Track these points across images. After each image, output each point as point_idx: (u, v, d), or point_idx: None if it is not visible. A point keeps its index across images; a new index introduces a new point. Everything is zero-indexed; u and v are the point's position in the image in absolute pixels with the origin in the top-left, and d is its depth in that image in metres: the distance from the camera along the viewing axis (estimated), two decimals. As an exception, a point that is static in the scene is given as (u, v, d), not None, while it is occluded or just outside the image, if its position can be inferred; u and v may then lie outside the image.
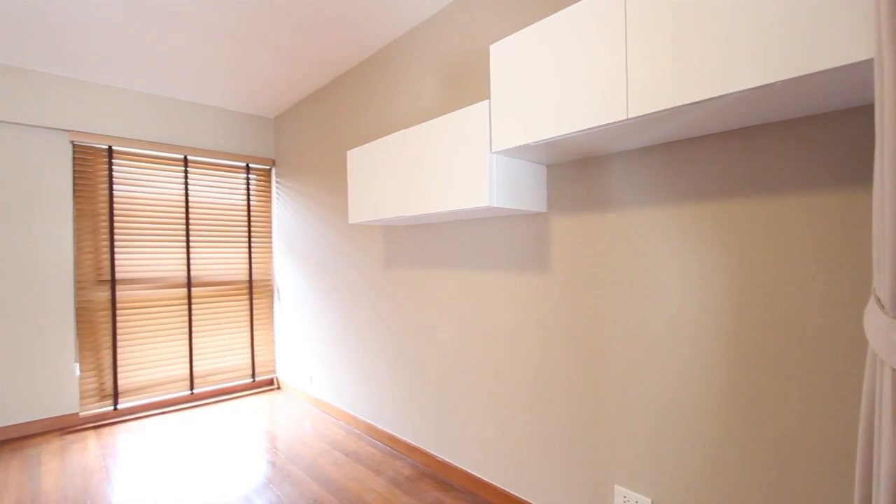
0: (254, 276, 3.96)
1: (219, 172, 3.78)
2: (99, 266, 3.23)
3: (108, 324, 3.26)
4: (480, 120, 1.66)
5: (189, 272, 3.60)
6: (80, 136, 3.14)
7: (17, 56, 2.78)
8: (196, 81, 3.22)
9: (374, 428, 2.87)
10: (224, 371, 3.79)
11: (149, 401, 3.43)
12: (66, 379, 3.12)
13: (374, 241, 2.86)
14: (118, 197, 3.30)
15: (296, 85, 3.31)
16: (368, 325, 2.92)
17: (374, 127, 2.83)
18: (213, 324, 3.73)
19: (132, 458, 2.66)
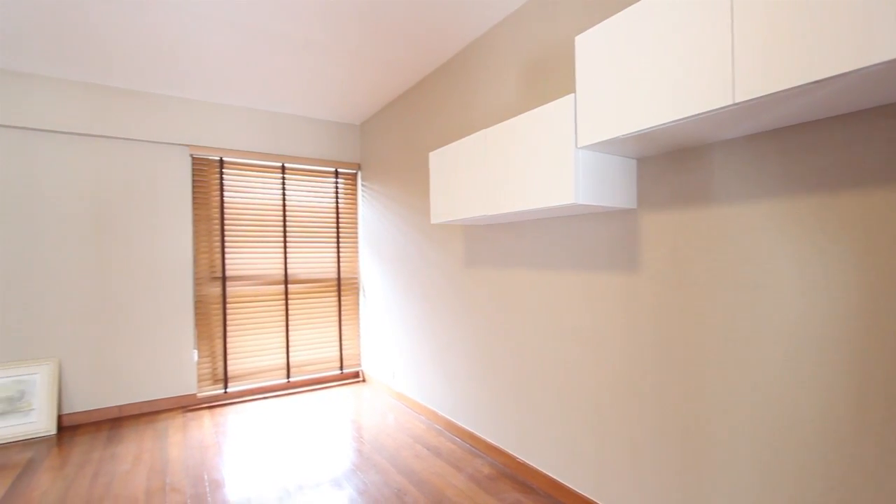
0: (342, 274, 4.21)
1: (311, 178, 4.08)
2: (212, 264, 3.64)
3: (219, 316, 3.66)
4: (565, 115, 1.61)
5: (286, 270, 3.93)
6: (198, 150, 3.56)
7: (147, 82, 3.21)
8: (292, 95, 3.50)
9: (453, 424, 2.91)
10: (315, 362, 4.07)
11: (252, 386, 3.78)
12: (187, 364, 3.54)
13: (454, 240, 2.90)
14: (228, 203, 3.70)
15: (380, 92, 3.46)
16: (448, 324, 2.97)
17: (455, 128, 2.87)
18: (306, 318, 4.03)
19: (239, 437, 2.95)
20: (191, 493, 2.24)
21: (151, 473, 2.45)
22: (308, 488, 2.28)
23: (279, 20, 2.43)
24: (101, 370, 3.27)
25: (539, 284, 2.26)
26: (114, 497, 2.21)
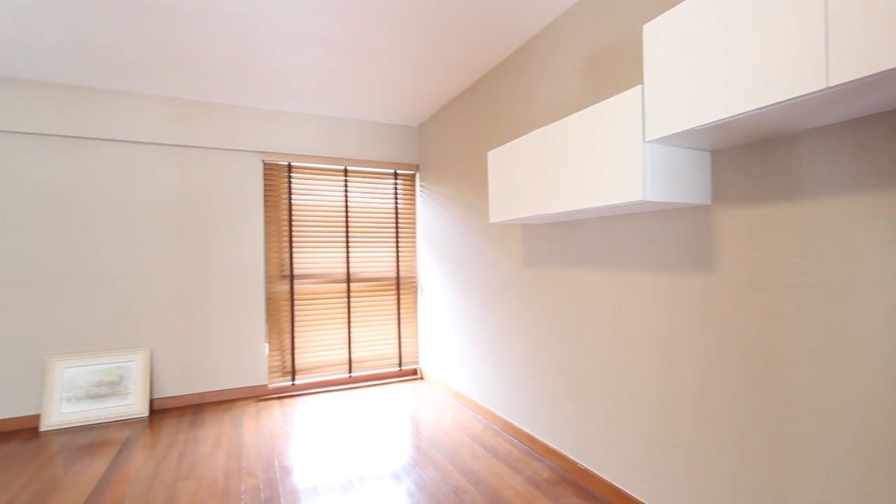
0: (400, 273, 4.31)
1: (371, 180, 4.21)
2: (281, 263, 3.87)
3: (287, 312, 3.88)
4: (632, 108, 1.54)
5: (348, 269, 4.09)
6: (269, 156, 3.80)
7: (226, 95, 3.46)
8: (355, 101, 3.63)
9: (511, 425, 2.89)
10: (375, 358, 4.20)
11: (317, 379, 3.97)
12: (259, 356, 3.78)
13: (512, 240, 2.87)
14: (295, 205, 3.91)
15: (438, 93, 3.51)
16: (506, 324, 2.95)
17: (513, 126, 2.84)
18: (367, 315, 4.17)
19: (305, 426, 3.11)
20: (263, 477, 2.39)
21: (229, 457, 2.64)
22: (369, 480, 2.36)
23: (350, 31, 2.52)
24: (185, 360, 3.57)
25: (602, 285, 2.18)
26: (197, 476, 2.41)
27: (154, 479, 2.38)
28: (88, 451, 2.75)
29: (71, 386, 3.20)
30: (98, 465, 2.55)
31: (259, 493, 2.23)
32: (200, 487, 2.29)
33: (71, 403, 3.17)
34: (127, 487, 2.29)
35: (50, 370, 3.17)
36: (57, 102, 3.21)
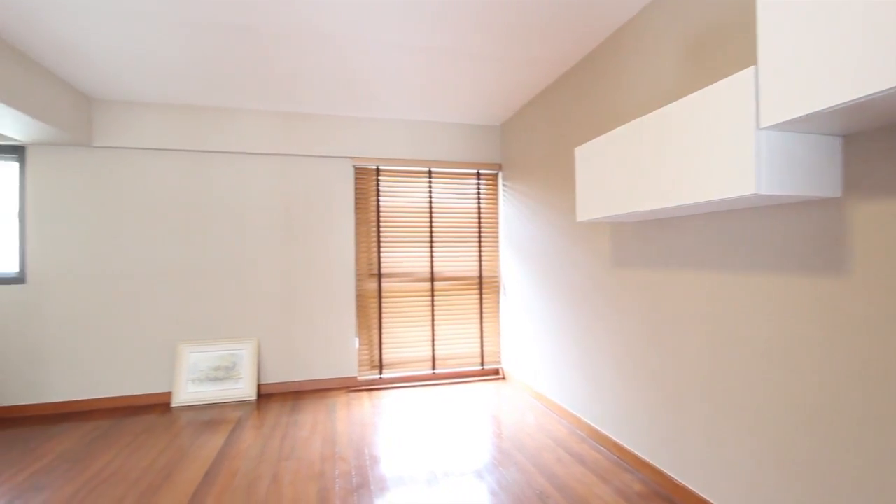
0: (483, 272, 4.32)
1: (454, 180, 4.27)
2: (370, 262, 4.07)
3: (376, 309, 4.07)
4: (743, 92, 1.40)
5: (432, 268, 4.19)
6: (359, 161, 4.02)
7: (322, 106, 3.72)
8: (440, 104, 3.71)
9: (598, 433, 2.76)
10: (458, 356, 4.25)
11: (403, 374, 4.12)
12: (349, 350, 4.02)
13: (600, 239, 2.75)
14: (383, 206, 4.10)
15: (521, 91, 3.46)
16: (594, 326, 2.83)
17: (602, 121, 2.72)
18: (450, 314, 4.24)
19: (392, 419, 3.24)
20: (355, 464, 2.53)
21: (324, 442, 2.84)
22: (453, 476, 2.40)
23: (434, 36, 2.59)
24: (286, 350, 3.90)
25: (703, 288, 2.00)
26: (297, 458, 2.62)
27: (261, 457, 2.63)
28: (209, 427, 3.11)
29: (195, 369, 3.65)
30: (216, 440, 2.88)
31: (351, 478, 2.37)
32: (300, 468, 2.49)
33: (195, 384, 3.62)
34: (240, 462, 2.56)
35: (179, 355, 3.64)
36: (181, 121, 3.68)
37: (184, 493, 2.24)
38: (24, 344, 3.43)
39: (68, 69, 3.00)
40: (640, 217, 2.20)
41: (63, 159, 3.51)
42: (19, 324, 3.42)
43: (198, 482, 2.34)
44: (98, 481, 2.36)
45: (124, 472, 2.47)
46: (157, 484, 2.33)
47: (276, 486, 2.29)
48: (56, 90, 3.08)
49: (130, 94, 3.44)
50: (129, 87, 3.31)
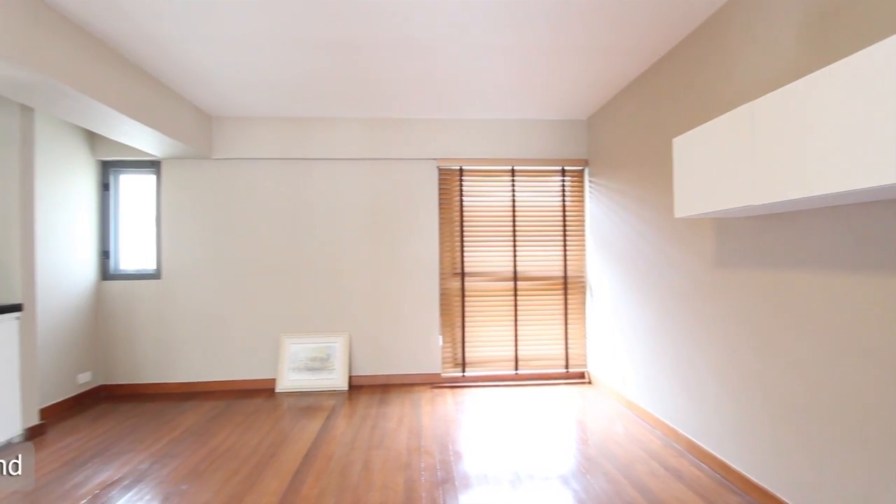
0: (568, 272, 4.19)
1: (538, 178, 4.19)
2: (454, 261, 4.15)
3: (459, 307, 4.13)
4: (891, 61, 1.20)
5: (515, 268, 4.15)
6: (443, 162, 4.10)
7: (406, 110, 3.86)
8: (521, 101, 3.67)
9: (698, 447, 2.54)
10: (541, 358, 4.17)
11: (485, 373, 4.13)
12: (433, 347, 4.12)
13: (701, 236, 2.53)
14: (466, 206, 4.15)
15: (609, 82, 3.30)
16: (693, 332, 2.61)
17: (703, 108, 2.50)
18: (534, 314, 4.17)
19: (475, 416, 3.26)
20: (439, 458, 2.59)
21: (410, 434, 2.94)
22: (537, 479, 2.35)
23: (519, 32, 2.56)
24: (375, 345, 4.10)
25: (826, 290, 1.76)
26: (386, 447, 2.74)
27: (353, 444, 2.79)
28: (307, 413, 3.38)
29: (295, 358, 3.97)
30: (314, 426, 3.11)
31: (436, 471, 2.43)
32: (388, 457, 2.60)
33: (295, 372, 3.95)
34: (334, 447, 2.75)
35: (282, 345, 3.99)
36: (283, 132, 4.03)
37: (287, 471, 2.45)
38: (159, 331, 3.98)
39: (193, 92, 3.43)
40: (752, 212, 1.98)
41: (188, 171, 4.02)
42: (156, 314, 3.98)
43: (298, 463, 2.55)
44: (217, 454, 2.67)
45: (237, 448, 2.76)
46: (264, 461, 2.57)
47: (367, 473, 2.42)
48: (185, 111, 3.54)
49: (242, 110, 3.84)
50: (242, 104, 3.69)
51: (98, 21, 2.43)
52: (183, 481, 2.36)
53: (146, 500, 2.19)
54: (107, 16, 2.38)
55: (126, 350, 3.96)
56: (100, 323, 3.93)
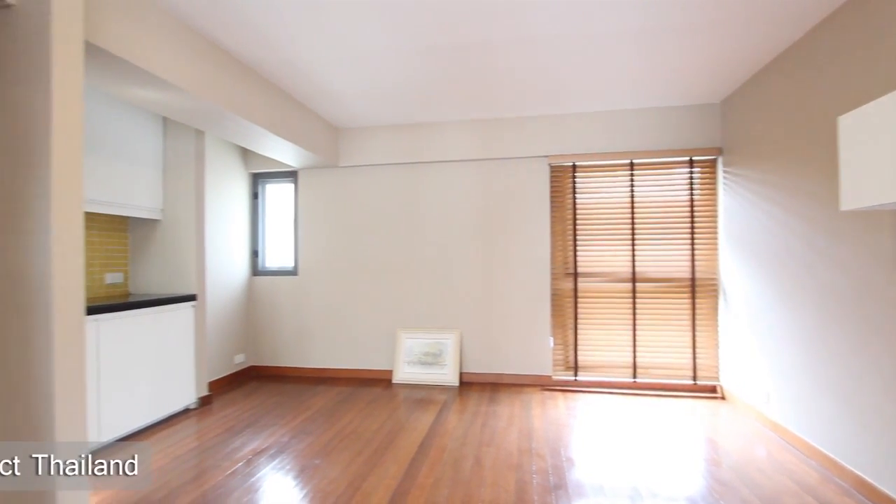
0: (696, 273, 3.78)
1: (660, 171, 3.86)
2: (566, 261, 4.01)
3: (571, 309, 3.99)
4: None
5: (633, 268, 3.87)
6: (555, 159, 3.99)
7: (517, 108, 3.83)
8: (641, 88, 3.40)
9: (871, 487, 2.11)
10: (663, 367, 3.83)
11: (599, 379, 3.92)
12: (544, 348, 4.03)
13: (877, 232, 2.10)
14: (579, 203, 3.99)
15: (747, 59, 2.90)
16: (862, 344, 2.17)
17: (876, 79, 2.07)
18: (655, 319, 3.84)
19: (588, 423, 3.12)
20: (551, 462, 2.53)
21: (520, 435, 2.91)
22: (660, 497, 2.17)
23: (653, 10, 2.39)
24: (485, 343, 4.15)
25: None
26: (496, 445, 2.76)
27: (465, 439, 2.86)
28: (420, 405, 3.54)
29: (409, 352, 4.20)
30: (427, 418, 3.25)
31: (548, 476, 2.37)
32: (499, 456, 2.61)
33: (409, 366, 4.17)
34: (447, 441, 2.84)
35: (398, 339, 4.25)
36: (399, 139, 4.28)
37: (404, 458, 2.60)
38: (297, 322, 4.51)
39: (324, 107, 3.81)
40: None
41: (319, 179, 4.48)
42: (294, 306, 4.51)
43: (414, 451, 2.69)
44: (343, 435, 2.94)
45: (360, 431, 3.01)
46: (383, 446, 2.76)
47: (479, 469, 2.46)
48: (317, 125, 3.96)
49: (365, 120, 4.17)
50: (364, 115, 4.01)
51: (248, 52, 2.82)
52: (316, 456, 2.64)
53: (287, 469, 2.50)
54: (254, 47, 2.75)
55: (270, 336, 4.55)
56: (250, 312, 4.57)
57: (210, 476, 2.41)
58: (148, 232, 3.57)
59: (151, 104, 2.70)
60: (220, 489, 2.27)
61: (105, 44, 1.98)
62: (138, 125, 3.32)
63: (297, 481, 2.37)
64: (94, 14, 1.92)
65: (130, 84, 2.38)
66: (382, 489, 2.26)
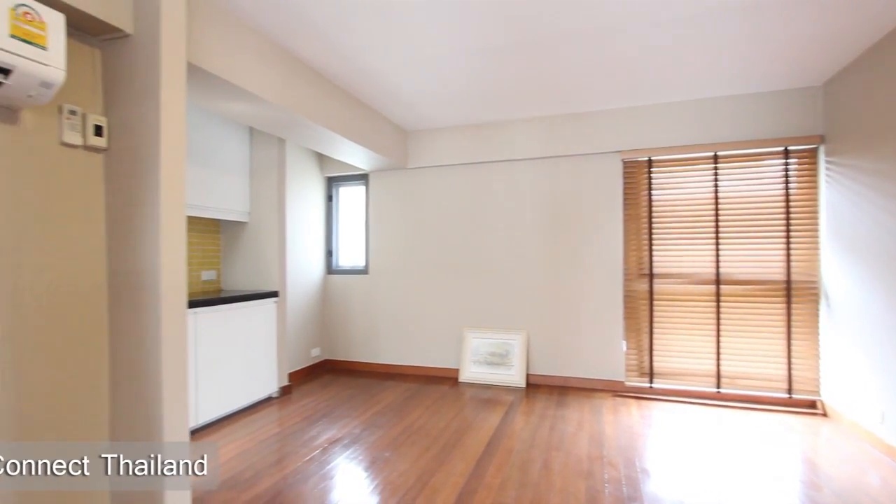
0: (792, 275, 3.42)
1: (750, 163, 3.53)
2: (640, 261, 3.80)
3: (646, 311, 3.77)
4: None
5: (717, 269, 3.58)
6: (628, 154, 3.80)
7: (588, 103, 3.70)
8: (728, 73, 3.14)
9: None
10: (752, 377, 3.50)
11: (677, 387, 3.68)
12: (616, 352, 3.86)
13: None
14: (655, 201, 3.77)
15: (862, 32, 2.57)
16: None
17: None
18: (743, 325, 3.52)
19: (665, 434, 2.94)
20: (624, 473, 2.41)
21: (591, 442, 2.81)
22: (751, 521, 1.99)
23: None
24: (552, 345, 4.06)
25: None
26: (566, 451, 2.69)
27: (532, 442, 2.81)
28: (486, 405, 3.54)
29: (475, 352, 4.21)
30: (493, 418, 3.24)
31: (621, 487, 2.27)
32: (568, 462, 2.54)
33: (475, 365, 4.18)
34: (514, 443, 2.81)
35: (464, 338, 4.28)
36: (464, 140, 4.30)
37: (471, 456, 2.61)
38: (367, 319, 4.69)
39: (393, 111, 3.93)
40: None
41: (388, 180, 4.63)
42: (365, 304, 4.70)
43: (481, 451, 2.69)
44: (411, 431, 3.02)
45: (427, 428, 3.06)
46: (451, 444, 2.80)
47: (547, 473, 2.41)
48: (387, 129, 4.09)
49: (432, 122, 4.24)
50: (431, 117, 4.08)
51: (324, 63, 2.98)
52: (385, 449, 2.73)
53: (359, 460, 2.61)
54: (330, 57, 2.90)
55: (343, 332, 4.78)
56: (325, 309, 4.83)
57: (290, 461, 2.58)
58: (237, 233, 3.89)
59: (241, 116, 2.95)
60: (298, 474, 2.43)
61: (203, 63, 2.19)
62: (229, 136, 3.64)
63: (369, 472, 2.47)
64: (194, 36, 2.13)
65: (223, 98, 2.61)
66: (450, 486, 2.28)
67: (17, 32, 1.38)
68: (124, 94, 1.85)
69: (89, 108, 1.81)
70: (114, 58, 1.86)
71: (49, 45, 1.47)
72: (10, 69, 1.38)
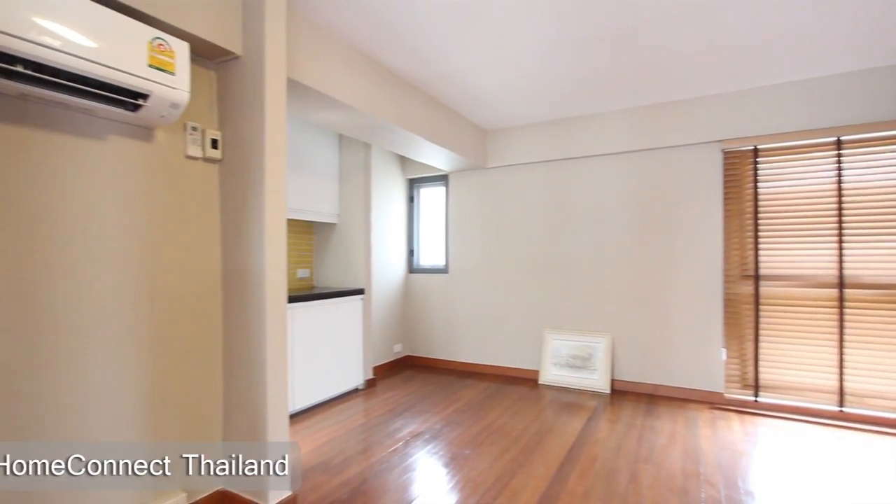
0: (941, 281, 2.90)
1: (881, 148, 3.05)
2: (744, 262, 3.45)
3: (751, 317, 3.41)
4: None
5: (841, 271, 3.14)
6: (730, 143, 3.46)
7: (682, 90, 3.43)
8: (847, 45, 2.74)
9: None
10: (885, 397, 3.02)
11: (789, 403, 3.29)
12: (714, 361, 3.54)
13: None
14: (762, 194, 3.39)
15: None
16: None
17: None
18: (872, 335, 3.05)
19: (773, 453, 2.64)
20: (725, 493, 2.21)
21: (685, 457, 2.61)
22: (886, 563, 1.72)
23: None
24: (641, 350, 3.83)
25: None
26: (655, 464, 2.52)
27: (619, 452, 2.68)
28: (568, 409, 3.43)
29: (556, 354, 4.10)
30: (575, 423, 3.13)
31: (721, 508, 2.08)
32: (659, 476, 2.38)
33: (556, 367, 4.07)
34: (598, 450, 2.70)
35: (545, 339, 4.18)
36: (546, 137, 4.20)
37: (552, 461, 2.55)
38: (447, 317, 4.78)
39: (473, 111, 3.96)
40: None
41: (468, 181, 4.66)
42: (444, 302, 4.79)
43: (563, 456, 2.62)
44: (490, 430, 3.02)
45: (507, 429, 3.04)
46: (531, 446, 2.75)
47: (635, 486, 2.28)
48: (467, 130, 4.13)
49: (512, 120, 4.21)
50: (512, 115, 4.05)
51: (406, 68, 3.08)
52: (465, 447, 2.76)
53: (439, 455, 2.66)
54: (412, 63, 2.99)
55: (424, 329, 4.91)
56: (407, 306, 4.99)
57: (375, 451, 2.71)
58: (327, 234, 4.17)
59: (331, 124, 3.15)
60: (383, 464, 2.54)
61: (300, 77, 2.37)
62: (321, 142, 3.91)
63: (449, 468, 2.52)
64: (292, 53, 2.31)
65: (318, 108, 2.81)
66: (531, 489, 2.25)
67: (154, 62, 1.60)
68: (235, 110, 2.06)
69: (207, 124, 2.05)
70: (226, 77, 2.08)
71: (177, 71, 1.68)
72: (148, 94, 1.61)
